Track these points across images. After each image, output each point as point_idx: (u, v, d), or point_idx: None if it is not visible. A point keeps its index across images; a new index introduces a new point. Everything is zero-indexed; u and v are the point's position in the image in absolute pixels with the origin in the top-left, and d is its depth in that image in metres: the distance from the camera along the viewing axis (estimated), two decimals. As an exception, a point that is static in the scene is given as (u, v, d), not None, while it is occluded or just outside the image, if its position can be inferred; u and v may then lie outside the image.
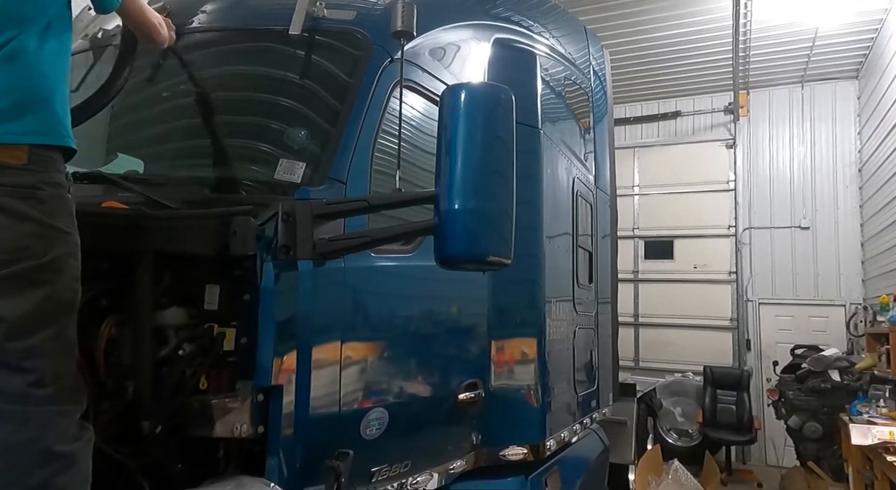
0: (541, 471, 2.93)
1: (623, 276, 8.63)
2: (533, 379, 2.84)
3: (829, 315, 7.46)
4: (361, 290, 1.93)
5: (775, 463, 7.30)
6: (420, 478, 2.19)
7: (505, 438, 2.72)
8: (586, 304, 3.91)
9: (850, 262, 7.44)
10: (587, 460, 3.81)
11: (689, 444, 7.41)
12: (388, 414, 1.95)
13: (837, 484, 4.93)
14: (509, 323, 2.79)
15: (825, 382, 5.24)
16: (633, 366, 8.26)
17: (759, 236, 7.94)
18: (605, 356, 4.42)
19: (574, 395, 3.45)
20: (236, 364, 1.60)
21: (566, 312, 3.41)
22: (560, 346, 3.24)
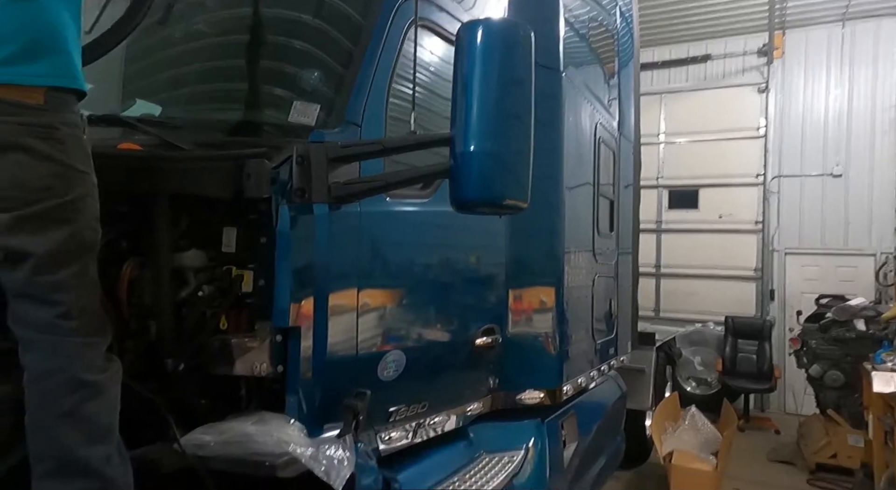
0: (557, 415, 2.98)
1: (646, 227, 8.52)
2: (550, 326, 2.85)
3: (858, 265, 7.30)
4: (377, 234, 1.93)
5: (794, 411, 7.33)
6: (437, 418, 2.24)
7: (522, 383, 2.76)
8: (606, 253, 3.88)
9: (883, 210, 7.21)
10: (604, 406, 3.86)
11: (708, 392, 7.47)
12: (405, 356, 1.98)
13: (856, 431, 4.94)
14: (527, 272, 2.78)
15: (849, 332, 5.18)
16: (653, 316, 8.25)
17: (789, 185, 7.71)
18: (625, 305, 4.42)
19: (592, 343, 3.47)
20: (255, 306, 1.62)
21: (585, 261, 3.39)
22: (579, 294, 3.23)
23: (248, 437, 1.39)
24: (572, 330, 3.09)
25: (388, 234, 1.98)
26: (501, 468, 2.45)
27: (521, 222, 2.77)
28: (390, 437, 1.99)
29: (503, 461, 2.52)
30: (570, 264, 3.08)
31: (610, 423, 3.97)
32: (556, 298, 2.89)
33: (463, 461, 2.42)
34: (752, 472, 5.12)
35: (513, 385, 2.74)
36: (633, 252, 4.86)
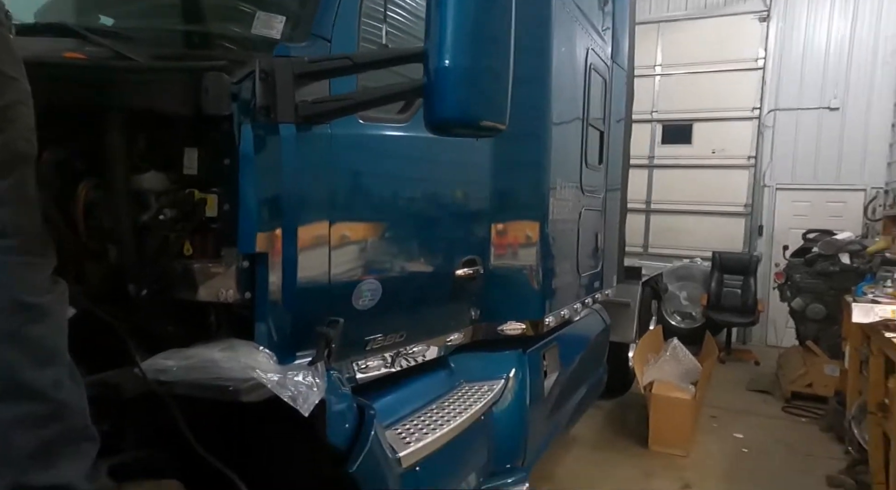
0: (539, 346, 3.00)
1: (637, 162, 8.43)
2: (534, 260, 2.82)
3: (848, 200, 7.28)
4: (351, 159, 1.84)
5: (775, 343, 7.52)
6: (416, 348, 2.23)
7: (504, 314, 2.75)
8: (595, 185, 3.81)
9: (877, 144, 7.12)
10: (587, 338, 3.91)
11: (692, 326, 7.60)
12: (381, 286, 1.94)
13: (832, 361, 5.07)
14: (511, 206, 2.72)
15: (834, 265, 5.21)
16: (641, 252, 8.29)
17: (785, 118, 7.56)
18: (612, 240, 4.39)
19: (577, 276, 3.46)
20: (221, 231, 1.56)
21: (572, 193, 3.32)
22: (564, 228, 3.19)
23: (213, 362, 1.35)
24: (556, 263, 3.07)
25: (362, 158, 1.89)
26: (481, 396, 2.47)
27: (506, 154, 2.69)
28: (367, 366, 1.98)
29: (483, 390, 2.54)
30: (556, 197, 3.01)
31: (592, 354, 4.03)
32: (540, 232, 2.84)
33: (443, 390, 2.44)
34: (730, 401, 5.28)
35: (495, 316, 2.73)
36: (622, 187, 4.79)
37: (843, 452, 4.16)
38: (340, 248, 1.80)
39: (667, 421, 4.10)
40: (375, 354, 2.03)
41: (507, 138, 2.78)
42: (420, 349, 2.27)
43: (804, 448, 4.28)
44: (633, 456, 4.02)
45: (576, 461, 3.91)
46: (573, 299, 3.43)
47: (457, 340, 2.53)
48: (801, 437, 4.48)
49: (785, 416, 4.99)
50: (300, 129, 1.63)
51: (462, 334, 2.57)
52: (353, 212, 1.87)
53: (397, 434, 1.97)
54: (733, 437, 4.43)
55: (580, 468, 3.80)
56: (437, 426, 2.09)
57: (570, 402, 3.66)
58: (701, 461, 3.97)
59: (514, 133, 2.84)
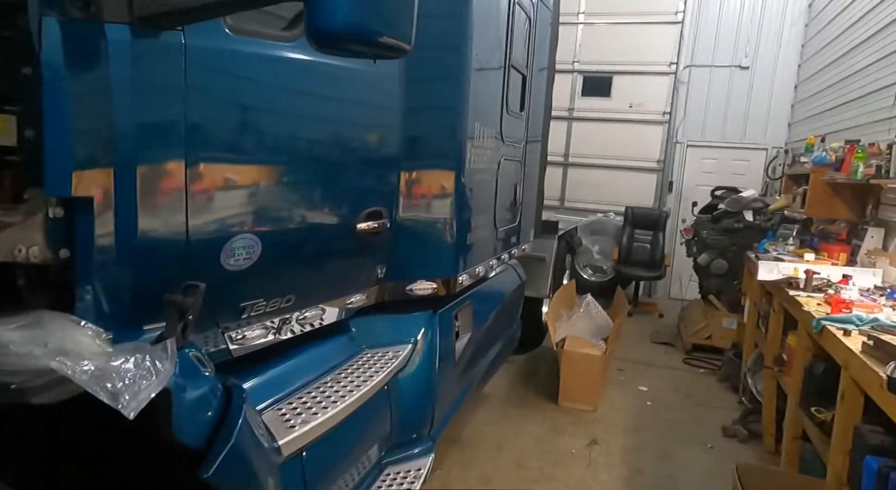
0: (451, 306, 2.78)
1: (558, 114, 8.31)
2: (447, 212, 2.54)
3: (751, 159, 7.56)
4: (215, 80, 1.45)
5: (678, 296, 7.83)
6: (309, 313, 1.93)
7: (414, 272, 2.49)
8: (515, 135, 3.57)
9: (781, 104, 7.37)
10: (502, 294, 3.75)
11: (603, 279, 7.76)
12: (260, 241, 1.59)
13: (732, 315, 5.29)
14: (423, 153, 2.42)
15: (738, 222, 5.37)
16: (558, 205, 8.29)
17: (699, 75, 7.65)
18: (531, 193, 4.21)
19: (493, 231, 3.24)
20: (22, 165, 1.16)
21: (492, 142, 3.06)
22: (481, 178, 2.93)
23: (2, 347, 0.98)
24: (472, 217, 2.82)
25: (231, 82, 1.50)
26: (385, 364, 2.22)
27: (419, 95, 2.37)
28: (244, 336, 1.66)
29: (387, 356, 2.29)
30: (474, 146, 2.74)
31: (507, 311, 3.89)
32: (455, 183, 2.56)
33: (341, 358, 2.16)
34: (636, 353, 5.40)
35: (404, 274, 2.46)
36: (542, 138, 4.59)
37: (738, 402, 4.34)
38: (203, 195, 1.43)
39: (577, 377, 4.08)
40: (256, 322, 1.71)
41: (420, 78, 2.50)
42: (315, 313, 1.97)
43: (702, 398, 4.44)
44: (542, 412, 3.99)
45: (485, 420, 3.81)
46: (489, 255, 3.22)
47: (359, 302, 2.24)
48: (700, 388, 4.65)
49: (686, 368, 5.17)
50: (138, 33, 1.23)
51: (365, 295, 2.28)
52: (220, 149, 1.49)
53: (280, 415, 1.68)
54: (638, 391, 4.52)
55: (488, 428, 3.71)
56: (329, 403, 1.81)
57: (483, 362, 3.52)
58: (608, 416, 4.01)
59: (428, 73, 2.57)
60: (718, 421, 4.00)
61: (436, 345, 2.57)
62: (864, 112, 4.70)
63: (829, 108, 5.80)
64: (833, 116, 5.58)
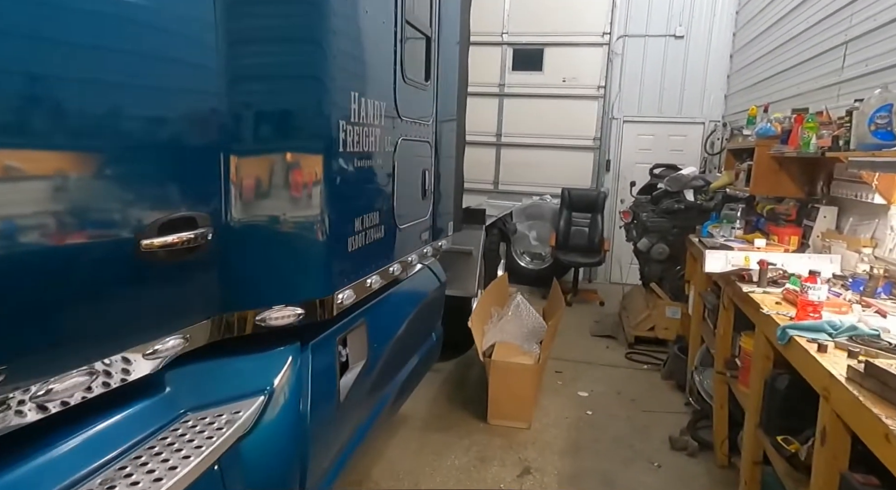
0: (331, 332, 2.15)
1: (488, 90, 7.74)
2: (314, 210, 1.89)
3: (688, 133, 7.21)
4: None
5: (619, 280, 7.47)
6: (58, 385, 1.25)
7: (265, 296, 1.84)
8: (420, 110, 2.94)
9: (717, 75, 7.03)
10: (414, 303, 3.14)
11: (541, 266, 7.31)
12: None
13: (675, 303, 4.89)
14: (269, 132, 1.78)
15: (679, 203, 4.95)
16: (491, 189, 7.76)
17: (633, 46, 7.21)
18: (447, 179, 3.60)
19: (393, 228, 2.62)
20: None
21: (381, 117, 2.42)
22: (370, 163, 2.29)
23: None
24: (355, 214, 2.19)
25: None
26: (213, 433, 1.58)
27: (254, 52, 1.72)
28: None
29: (221, 420, 1.64)
30: (353, 121, 2.10)
31: (423, 320, 3.30)
32: (324, 170, 1.92)
33: (140, 433, 1.49)
34: (575, 350, 4.94)
35: (250, 301, 1.81)
36: (458, 115, 3.97)
37: (685, 404, 3.93)
38: None
39: (508, 390, 3.55)
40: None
41: (260, 30, 1.84)
42: (69, 385, 1.29)
43: (647, 402, 4.00)
44: (469, 435, 3.43)
45: (399, 452, 3.22)
46: (387, 260, 2.59)
47: (173, 349, 1.57)
48: (644, 389, 4.22)
49: (628, 364, 4.74)
50: None
51: (186, 336, 1.62)
52: None
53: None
54: (578, 397, 4.04)
55: (404, 462, 3.12)
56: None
57: (391, 386, 2.92)
58: (544, 433, 3.49)
59: (270, 24, 1.91)
60: (665, 429, 3.56)
61: (305, 388, 1.93)
62: (809, 78, 4.32)
63: (768, 77, 5.44)
64: (773, 85, 5.22)
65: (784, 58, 4.98)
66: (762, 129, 3.85)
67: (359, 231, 2.23)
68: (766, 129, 3.83)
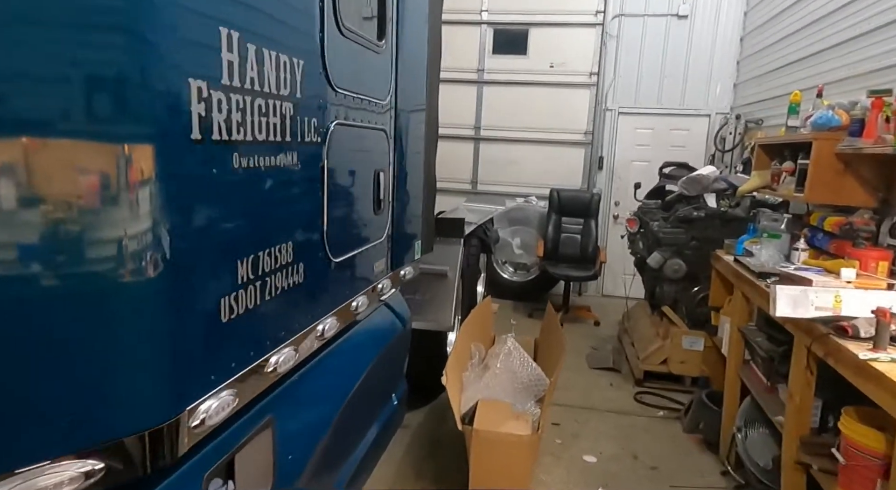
0: (186, 471, 1.20)
1: (465, 77, 6.78)
2: (132, 252, 0.94)
3: (692, 127, 6.37)
4: None
5: (612, 293, 6.63)
6: None
7: (20, 447, 0.88)
8: (368, 79, 1.99)
9: (725, 61, 6.19)
10: (362, 362, 2.19)
11: (526, 278, 6.42)
12: None
13: (694, 332, 4.02)
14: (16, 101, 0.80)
15: (698, 210, 4.07)
16: (469, 189, 6.82)
17: (630, 27, 6.33)
18: (413, 184, 2.65)
19: (320, 265, 1.66)
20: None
21: (296, 84, 1.46)
22: (267, 163, 1.33)
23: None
24: (237, 254, 1.23)
25: None
26: None
27: None
28: None
29: None
30: (227, 81, 1.14)
31: (378, 383, 2.35)
32: (156, 174, 0.97)
33: None
34: (573, 391, 4.05)
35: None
36: (430, 96, 2.98)
37: (721, 472, 3.06)
38: None
39: (495, 468, 2.62)
40: None
41: None
42: None
43: (672, 469, 3.12)
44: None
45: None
46: (309, 318, 1.63)
47: None
48: (665, 449, 3.33)
49: (639, 410, 3.85)
50: None
51: None
52: None
53: None
54: (583, 463, 3.13)
55: None
56: None
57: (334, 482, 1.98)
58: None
59: None
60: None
61: None
62: (862, 57, 3.47)
63: (796, 60, 4.60)
64: (804, 69, 4.38)
65: (818, 38, 4.13)
66: (821, 119, 2.97)
67: (246, 282, 1.27)
68: (826, 119, 2.96)
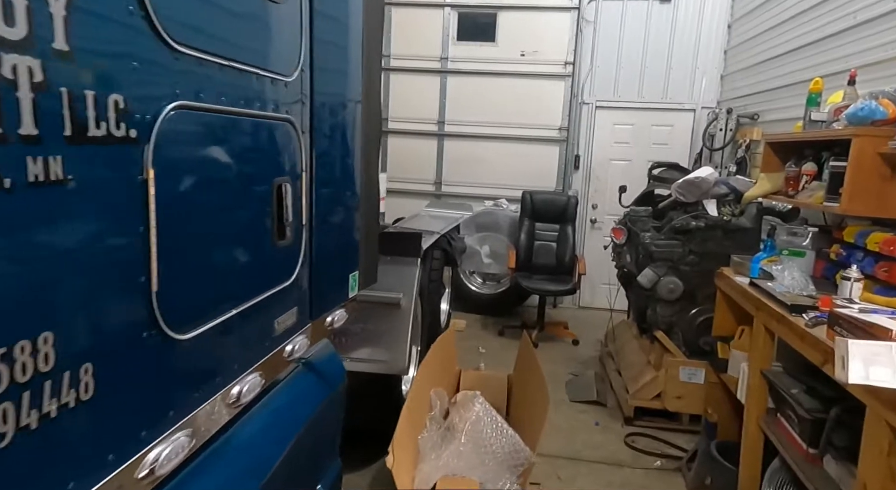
0: None
1: (426, 66, 6.10)
2: None
3: (675, 123, 5.82)
4: None
5: (589, 304, 6.05)
6: None
7: None
8: (253, 46, 1.29)
9: (711, 52, 5.66)
10: (268, 456, 1.51)
11: (496, 290, 5.77)
12: None
13: (693, 362, 3.44)
14: None
15: (697, 219, 3.48)
16: (433, 191, 6.14)
17: (609, 10, 5.75)
18: (343, 198, 1.95)
19: (150, 346, 0.97)
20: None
21: (74, 34, 0.75)
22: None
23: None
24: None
25: None
26: None
27: None
28: None
29: None
30: None
31: (298, 473, 1.67)
32: None
33: None
34: (553, 434, 3.43)
35: None
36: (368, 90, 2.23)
37: (742, 551, 2.46)
38: None
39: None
40: None
41: None
42: None
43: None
44: None
45: None
46: (135, 443, 0.93)
47: None
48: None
49: (631, 458, 3.25)
50: None
51: None
52: None
53: None
54: (573, 544, 2.50)
55: None
56: None
57: None
58: None
59: None
60: None
61: None
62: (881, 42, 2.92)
63: (796, 47, 4.05)
64: (802, 58, 3.84)
65: (832, 17, 3.59)
66: (863, 110, 2.39)
67: None
68: (868, 110, 2.37)
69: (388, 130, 6.12)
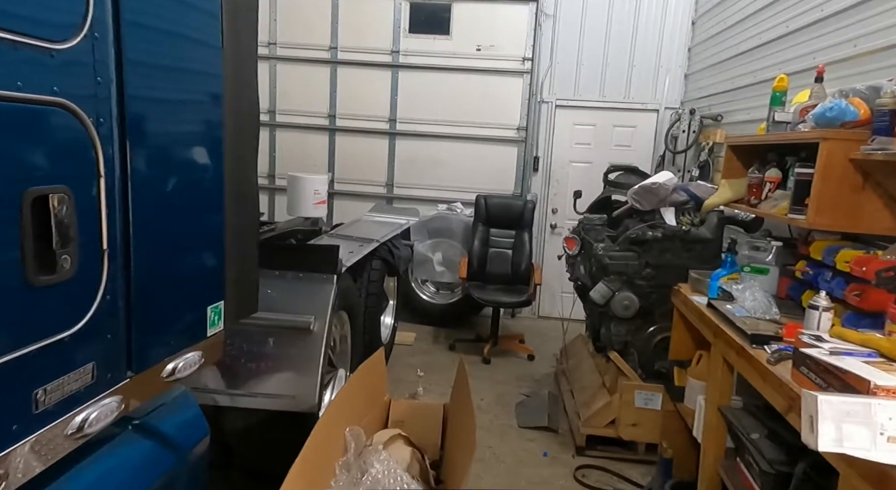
0: None
1: (376, 60, 5.69)
2: None
3: (637, 124, 5.53)
4: None
5: (548, 313, 5.73)
6: None
7: None
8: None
9: (675, 48, 5.38)
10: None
11: (449, 300, 5.42)
12: None
13: (649, 386, 3.12)
14: None
15: (654, 228, 3.16)
16: (384, 193, 5.75)
17: (569, 4, 5.43)
18: (185, 211, 1.56)
19: None
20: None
21: None
22: None
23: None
24: None
25: None
26: None
27: None
28: None
29: None
30: None
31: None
32: None
33: None
34: (497, 472, 3.06)
35: None
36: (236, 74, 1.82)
37: None
38: None
39: None
40: None
41: None
42: None
43: None
44: None
45: None
46: None
47: None
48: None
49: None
50: None
51: None
52: None
53: None
54: None
55: None
56: None
57: None
58: None
59: None
60: None
61: None
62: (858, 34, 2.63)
63: (757, 45, 3.78)
64: (766, 56, 3.55)
65: (798, 11, 3.31)
66: (832, 111, 2.08)
67: None
68: (838, 111, 2.07)
69: (337, 128, 5.72)
